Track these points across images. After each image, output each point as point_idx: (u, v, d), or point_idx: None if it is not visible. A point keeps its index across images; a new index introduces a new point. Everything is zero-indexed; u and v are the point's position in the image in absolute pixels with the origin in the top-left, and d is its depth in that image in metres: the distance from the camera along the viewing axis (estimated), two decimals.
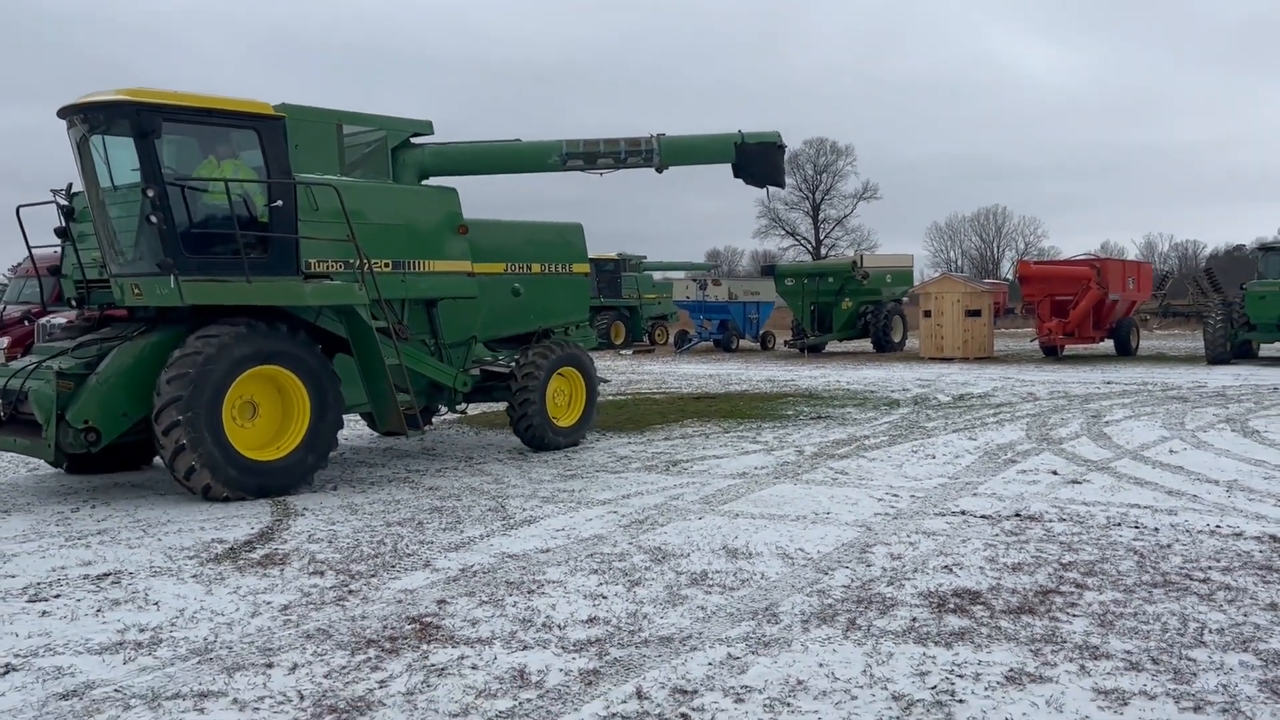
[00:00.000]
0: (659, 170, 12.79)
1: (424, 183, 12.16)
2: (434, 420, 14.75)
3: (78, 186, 10.19)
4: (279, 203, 9.74)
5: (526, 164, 12.86)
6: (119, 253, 9.71)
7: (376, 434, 13.57)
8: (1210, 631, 5.32)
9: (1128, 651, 5.03)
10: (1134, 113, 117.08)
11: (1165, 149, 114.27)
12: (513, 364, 12.19)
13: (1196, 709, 4.32)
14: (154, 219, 9.05)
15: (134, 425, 9.27)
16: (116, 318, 10.35)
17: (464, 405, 12.63)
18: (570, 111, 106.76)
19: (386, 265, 10.86)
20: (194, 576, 6.72)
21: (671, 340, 38.96)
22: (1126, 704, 4.38)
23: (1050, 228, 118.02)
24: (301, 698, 4.59)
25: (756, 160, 12.85)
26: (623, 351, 35.83)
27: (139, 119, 9.00)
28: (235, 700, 4.56)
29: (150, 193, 9.00)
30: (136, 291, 9.38)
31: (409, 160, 12.12)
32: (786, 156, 13.60)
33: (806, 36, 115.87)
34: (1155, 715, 4.26)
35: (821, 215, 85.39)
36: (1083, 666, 4.84)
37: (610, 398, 18.86)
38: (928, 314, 30.52)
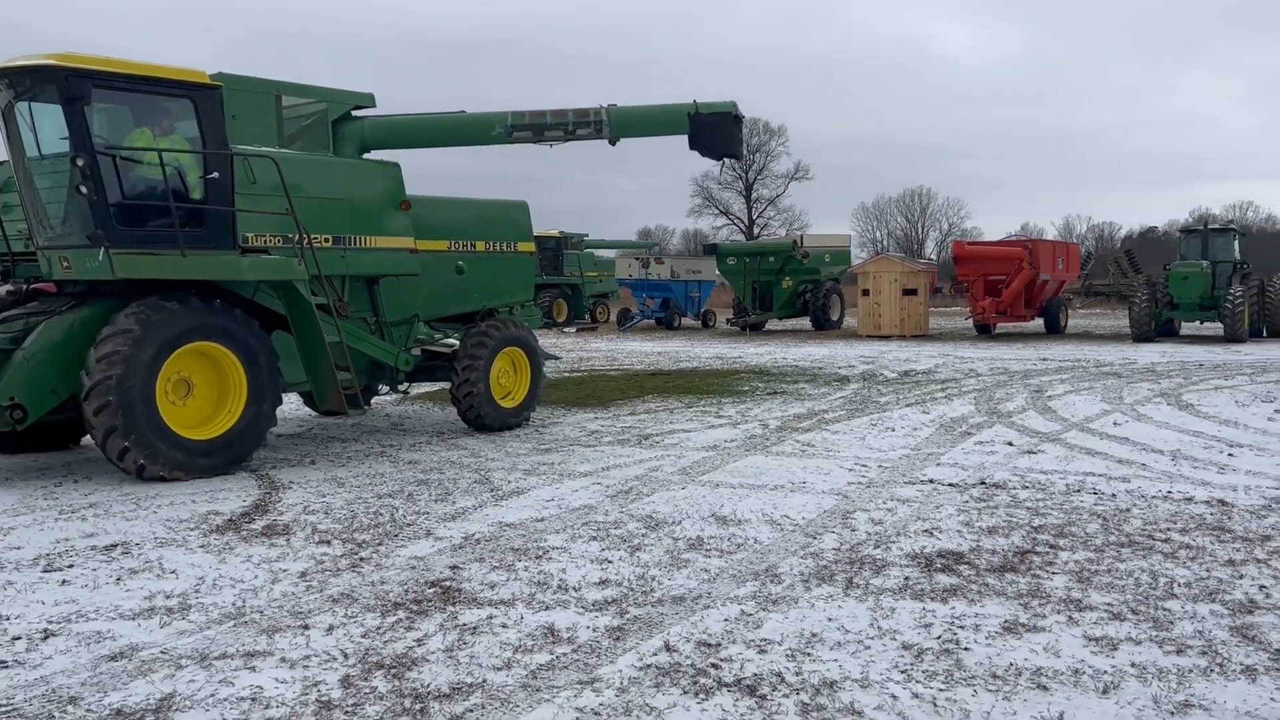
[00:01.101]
0: (611, 142, 12.49)
1: (366, 157, 11.98)
2: (374, 400, 14.58)
3: (2, 155, 9.86)
4: (215, 174, 9.50)
5: (471, 136, 12.58)
6: (46, 225, 9.37)
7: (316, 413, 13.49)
8: (1179, 585, 5.78)
9: (1108, 604, 5.46)
10: (1052, 96, 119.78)
11: (1082, 132, 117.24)
12: (457, 344, 12.06)
13: (1179, 652, 4.75)
14: (83, 189, 8.73)
15: (62, 403, 9.03)
16: (44, 292, 9.99)
17: (406, 385, 12.48)
18: (494, 87, 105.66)
19: (326, 240, 10.61)
20: (202, 547, 6.85)
21: (614, 318, 39.24)
22: (1116, 649, 4.80)
23: (973, 209, 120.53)
24: (346, 656, 4.80)
25: (712, 131, 12.47)
26: (566, 330, 36.02)
27: (68, 85, 8.69)
28: (283, 659, 4.76)
29: (79, 162, 8.72)
30: (65, 265, 9.01)
31: (349, 133, 11.89)
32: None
33: (730, 12, 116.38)
34: (1143, 658, 4.68)
35: (754, 195, 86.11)
36: (1070, 617, 5.25)
37: (566, 374, 19.10)
38: (866, 293, 31.22)
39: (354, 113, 12.06)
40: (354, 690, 4.40)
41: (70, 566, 6.37)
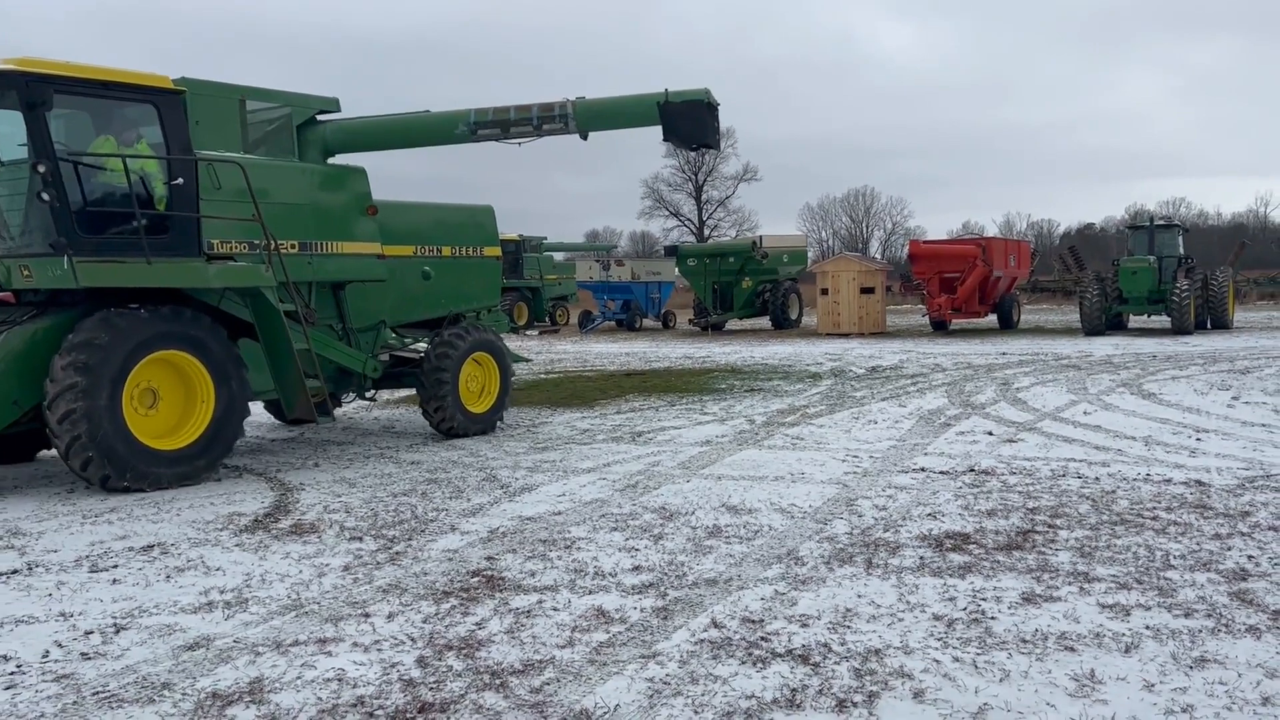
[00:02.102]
0: (583, 137, 12.25)
1: (331, 161, 11.96)
2: (360, 403, 14.57)
3: None
4: (180, 181, 9.45)
5: (434, 136, 12.39)
6: (6, 233, 9.29)
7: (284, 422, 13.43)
8: (1175, 557, 6.22)
9: (1114, 575, 5.88)
10: (989, 94, 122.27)
11: (1019, 130, 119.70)
12: (426, 349, 12.08)
13: (1187, 615, 5.17)
14: (45, 196, 8.62)
15: (23, 414, 8.92)
16: (2, 302, 9.82)
17: (373, 392, 12.46)
18: (435, 88, 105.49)
19: (293, 246, 10.59)
20: (237, 546, 7.04)
21: (574, 320, 39.50)
22: (1129, 614, 5.21)
23: (916, 208, 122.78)
24: (413, 640, 5.06)
25: (684, 120, 12.11)
26: (527, 332, 36.22)
27: (28, 90, 8.54)
28: (356, 644, 5.01)
29: (41, 168, 8.59)
30: (26, 273, 8.90)
31: (313, 138, 11.84)
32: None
33: (675, 14, 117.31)
34: (1156, 621, 5.09)
35: (704, 196, 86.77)
36: (1081, 588, 5.66)
37: (542, 376, 19.35)
38: (825, 292, 31.79)
39: (319, 117, 11.99)
40: (432, 669, 4.66)
41: (115, 566, 6.54)
